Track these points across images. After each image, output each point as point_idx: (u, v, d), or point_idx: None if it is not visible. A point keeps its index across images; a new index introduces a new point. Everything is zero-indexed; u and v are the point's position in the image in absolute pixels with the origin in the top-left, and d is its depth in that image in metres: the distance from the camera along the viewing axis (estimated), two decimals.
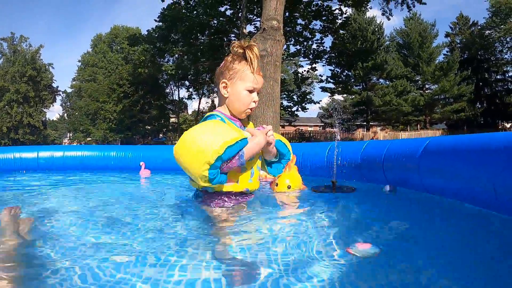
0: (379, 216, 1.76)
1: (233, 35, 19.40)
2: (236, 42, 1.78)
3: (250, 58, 1.72)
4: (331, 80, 30.02)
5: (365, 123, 32.73)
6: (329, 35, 20.75)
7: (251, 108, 1.78)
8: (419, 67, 30.40)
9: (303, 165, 3.35)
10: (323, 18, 19.21)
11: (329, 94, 33.55)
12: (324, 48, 21.94)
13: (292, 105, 27.45)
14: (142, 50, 23.61)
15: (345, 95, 33.84)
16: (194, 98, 36.17)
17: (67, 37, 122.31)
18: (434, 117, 32.93)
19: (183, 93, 53.95)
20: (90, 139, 36.80)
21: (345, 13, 19.47)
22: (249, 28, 17.91)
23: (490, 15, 30.55)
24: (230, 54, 1.80)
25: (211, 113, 1.79)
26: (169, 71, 21.76)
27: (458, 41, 34.09)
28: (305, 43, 20.90)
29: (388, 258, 1.10)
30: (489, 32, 31.44)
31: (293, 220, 1.62)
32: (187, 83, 29.68)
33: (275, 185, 2.29)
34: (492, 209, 1.59)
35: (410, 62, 30.95)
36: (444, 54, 32.89)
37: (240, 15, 14.37)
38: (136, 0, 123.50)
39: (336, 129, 10.40)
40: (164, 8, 18.41)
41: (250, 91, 1.75)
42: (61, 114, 59.80)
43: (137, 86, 33.14)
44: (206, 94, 31.74)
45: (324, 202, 2.01)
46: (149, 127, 36.66)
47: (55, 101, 43.59)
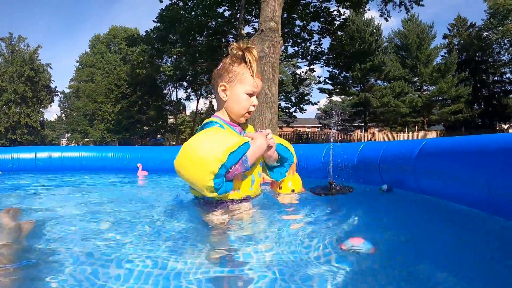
0: (377, 217, 1.76)
1: (231, 36, 19.43)
2: (235, 44, 1.75)
3: (250, 61, 1.68)
4: (329, 81, 30.08)
5: (363, 124, 32.78)
6: (327, 37, 20.85)
7: (250, 112, 1.74)
8: (417, 69, 30.52)
9: (300, 167, 3.35)
10: (321, 20, 19.29)
11: (327, 96, 33.67)
12: (322, 50, 22.06)
13: (290, 106, 27.48)
14: (140, 51, 23.67)
15: (343, 96, 33.88)
16: (192, 99, 36.16)
17: (66, 38, 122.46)
18: (432, 119, 33.06)
19: (181, 94, 54.12)
20: (88, 140, 36.72)
21: (343, 15, 19.57)
22: (247, 29, 17.95)
23: (488, 17, 30.73)
24: (229, 56, 1.76)
25: (209, 120, 1.76)
26: (167, 72, 21.74)
27: (456, 43, 34.25)
28: (303, 44, 20.95)
29: (387, 259, 1.10)
30: (487, 34, 31.62)
31: (290, 221, 1.62)
32: (185, 84, 29.63)
33: (278, 188, 2.19)
34: (489, 211, 1.59)
35: (408, 64, 31.06)
36: (442, 56, 33.10)
37: (238, 16, 14.38)
38: (135, 1, 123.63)
39: (333, 131, 10.38)
40: (163, 9, 18.42)
41: (250, 95, 1.71)
42: (59, 115, 59.78)
43: (135, 87, 33.09)
44: (204, 95, 31.71)
45: (321, 203, 2.00)
46: (147, 128, 36.63)
47: (53, 102, 43.69)
